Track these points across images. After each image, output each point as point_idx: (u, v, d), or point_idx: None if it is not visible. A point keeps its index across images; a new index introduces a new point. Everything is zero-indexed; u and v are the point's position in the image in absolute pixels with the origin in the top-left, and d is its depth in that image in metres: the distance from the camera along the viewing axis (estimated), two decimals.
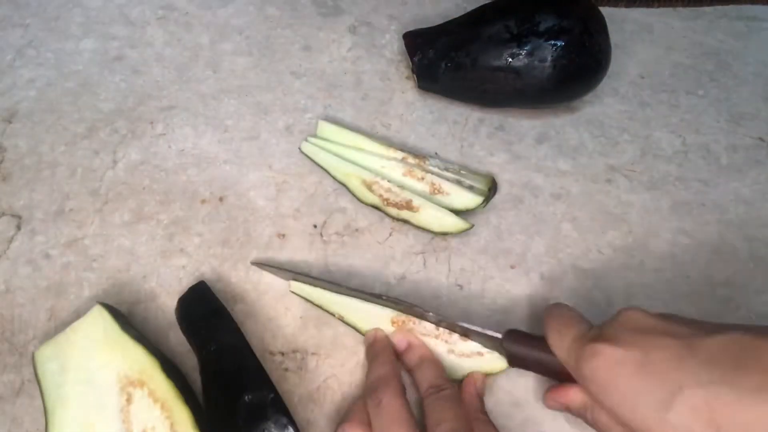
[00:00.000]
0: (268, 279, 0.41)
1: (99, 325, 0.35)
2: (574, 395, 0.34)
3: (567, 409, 0.35)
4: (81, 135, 0.47)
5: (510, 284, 0.42)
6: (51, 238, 0.42)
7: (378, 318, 0.39)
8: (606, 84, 0.51)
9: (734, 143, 0.51)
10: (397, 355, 0.38)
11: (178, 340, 0.39)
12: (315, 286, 0.40)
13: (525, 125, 0.50)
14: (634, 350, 0.29)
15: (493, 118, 0.51)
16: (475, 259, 0.43)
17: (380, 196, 0.44)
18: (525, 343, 0.36)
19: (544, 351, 0.34)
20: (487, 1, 0.49)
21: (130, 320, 0.38)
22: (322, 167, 0.46)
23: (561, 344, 0.33)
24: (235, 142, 0.48)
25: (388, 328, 0.39)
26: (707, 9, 0.60)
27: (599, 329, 0.32)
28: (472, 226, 0.43)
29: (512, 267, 0.43)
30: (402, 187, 0.44)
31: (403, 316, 0.39)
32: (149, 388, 0.33)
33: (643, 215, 0.46)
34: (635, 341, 0.30)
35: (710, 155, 0.50)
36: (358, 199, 0.45)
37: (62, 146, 0.46)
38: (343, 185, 0.45)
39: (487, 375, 0.38)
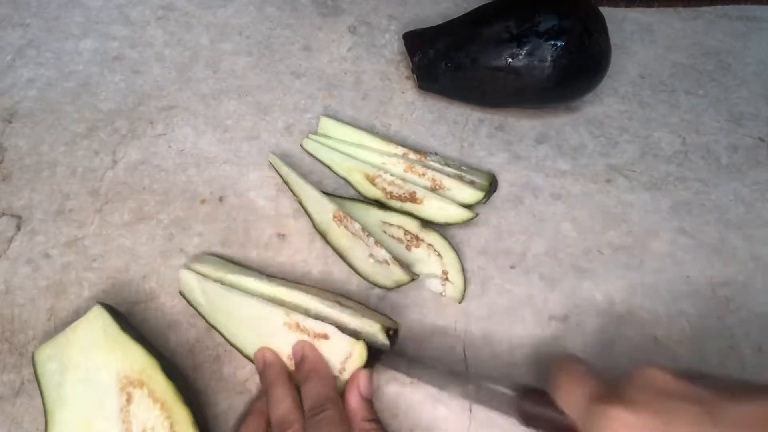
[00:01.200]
0: None
1: (99, 325, 0.35)
2: None
3: None
4: (81, 135, 0.47)
5: (510, 284, 0.42)
6: (51, 238, 0.42)
7: (325, 209, 0.40)
8: (606, 84, 0.51)
9: (734, 143, 0.51)
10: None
11: (178, 340, 0.39)
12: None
13: (525, 125, 0.50)
14: (651, 416, 0.27)
15: (493, 118, 0.51)
16: (475, 259, 0.43)
17: (383, 189, 0.44)
18: (541, 402, 0.33)
19: (559, 410, 0.32)
20: (487, 1, 0.49)
21: (130, 320, 0.38)
22: (323, 163, 0.46)
23: (571, 403, 0.31)
24: (235, 142, 0.48)
25: (333, 224, 0.39)
26: (707, 9, 0.60)
27: (614, 389, 0.30)
28: (477, 215, 0.43)
29: (512, 267, 0.43)
30: (404, 180, 0.45)
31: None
32: (149, 387, 0.33)
33: (643, 215, 0.46)
34: (653, 406, 0.27)
35: (710, 155, 0.50)
36: (361, 194, 0.45)
37: (62, 146, 0.46)
38: (345, 180, 0.46)
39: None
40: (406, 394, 0.37)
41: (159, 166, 0.46)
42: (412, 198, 0.44)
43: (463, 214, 0.43)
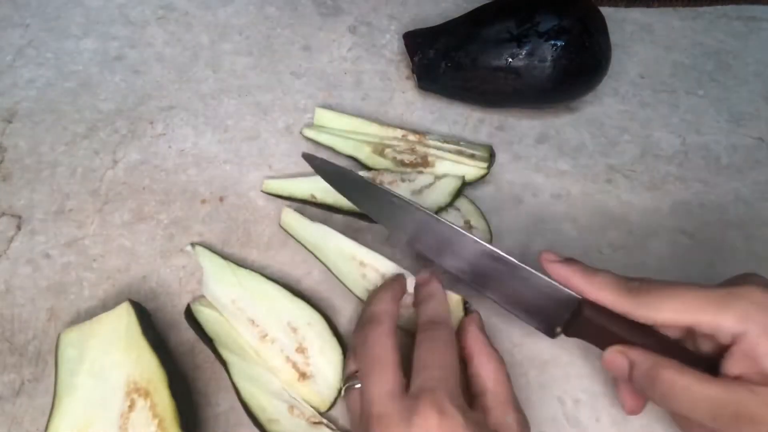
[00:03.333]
0: None
1: (123, 323, 0.35)
2: (644, 353, 0.31)
3: (627, 373, 0.32)
4: (81, 135, 0.47)
5: None
6: (51, 238, 0.42)
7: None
8: (606, 84, 0.51)
9: (734, 143, 0.51)
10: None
11: (178, 340, 0.39)
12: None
13: (525, 125, 0.50)
14: None
15: (493, 118, 0.51)
16: None
17: (393, 158, 0.45)
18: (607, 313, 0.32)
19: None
20: (487, 1, 0.49)
21: (154, 323, 0.38)
22: (328, 146, 0.47)
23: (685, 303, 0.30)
24: (235, 142, 0.48)
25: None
26: (707, 9, 0.60)
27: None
28: (488, 172, 0.45)
29: None
30: (414, 148, 0.46)
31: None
32: (152, 400, 0.33)
33: (643, 215, 0.46)
34: None
35: (710, 155, 0.50)
36: (369, 168, 0.46)
37: (62, 146, 0.46)
38: (353, 158, 0.46)
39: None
40: None
41: (159, 166, 0.46)
42: (424, 162, 0.45)
43: (476, 171, 0.45)
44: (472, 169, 0.45)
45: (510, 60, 0.46)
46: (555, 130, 0.50)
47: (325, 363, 0.36)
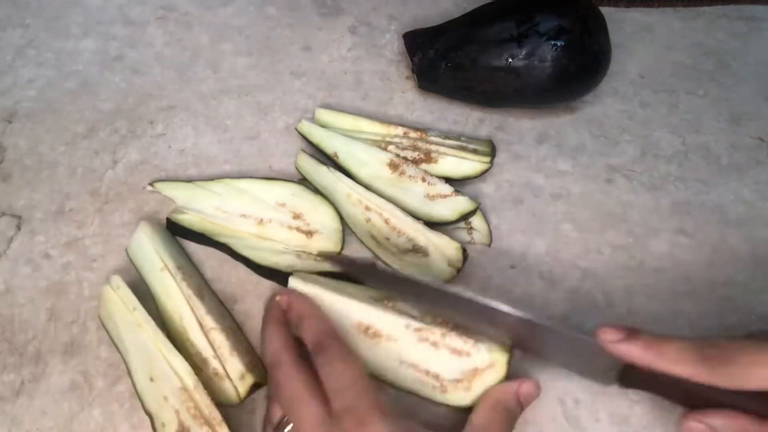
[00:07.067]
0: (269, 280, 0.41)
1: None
2: (727, 418, 0.30)
3: None
4: (81, 135, 0.47)
5: (510, 284, 0.42)
6: (51, 238, 0.42)
7: (376, 159, 0.44)
8: (606, 84, 0.51)
9: (734, 143, 0.51)
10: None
11: None
12: None
13: (525, 125, 0.50)
14: None
15: (493, 118, 0.51)
16: (475, 259, 0.43)
17: (396, 155, 0.45)
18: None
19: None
20: (487, 1, 0.49)
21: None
22: (316, 144, 0.46)
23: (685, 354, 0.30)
24: (235, 142, 0.48)
25: (384, 171, 0.44)
26: (707, 9, 0.60)
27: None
28: (491, 165, 0.45)
29: (512, 267, 0.43)
30: (415, 145, 0.46)
31: (398, 159, 0.44)
32: None
33: (643, 215, 0.46)
34: None
35: (710, 155, 0.50)
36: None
37: (62, 146, 0.46)
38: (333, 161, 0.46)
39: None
40: None
41: (159, 166, 0.46)
42: (427, 158, 0.45)
43: (477, 167, 0.45)
44: (476, 165, 0.45)
45: (510, 60, 0.46)
46: (555, 130, 0.50)
47: (323, 216, 0.42)
